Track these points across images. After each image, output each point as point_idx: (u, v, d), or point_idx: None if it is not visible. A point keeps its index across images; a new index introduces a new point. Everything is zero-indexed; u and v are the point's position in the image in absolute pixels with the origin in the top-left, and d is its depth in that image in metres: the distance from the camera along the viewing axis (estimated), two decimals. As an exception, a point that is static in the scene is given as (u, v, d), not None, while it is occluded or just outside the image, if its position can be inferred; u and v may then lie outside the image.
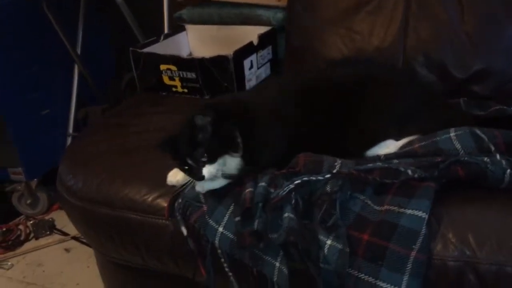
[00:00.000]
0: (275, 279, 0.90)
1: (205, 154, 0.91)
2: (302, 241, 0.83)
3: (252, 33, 1.64)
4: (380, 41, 1.43)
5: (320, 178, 0.89)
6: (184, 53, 1.82)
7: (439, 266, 0.82)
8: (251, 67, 1.58)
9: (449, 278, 0.81)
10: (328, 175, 0.89)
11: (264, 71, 1.68)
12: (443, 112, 1.06)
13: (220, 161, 0.93)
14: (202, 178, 0.92)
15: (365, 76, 1.07)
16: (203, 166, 0.92)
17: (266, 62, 1.68)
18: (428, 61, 1.36)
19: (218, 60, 1.46)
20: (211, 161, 0.92)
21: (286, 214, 0.86)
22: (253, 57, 1.58)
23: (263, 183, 0.92)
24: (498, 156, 0.88)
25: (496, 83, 1.31)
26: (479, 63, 1.31)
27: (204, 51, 1.77)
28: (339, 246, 0.83)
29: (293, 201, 0.88)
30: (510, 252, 0.79)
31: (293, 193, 0.88)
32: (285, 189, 0.88)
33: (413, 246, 0.80)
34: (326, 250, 0.84)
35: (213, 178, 0.94)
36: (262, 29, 1.67)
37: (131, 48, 1.56)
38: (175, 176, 1.04)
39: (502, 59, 1.31)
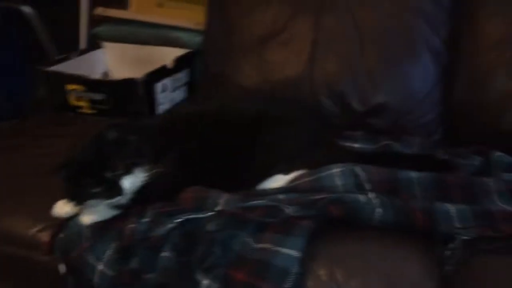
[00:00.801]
0: (156, 317, 0.89)
1: (121, 166, 0.91)
2: (175, 282, 0.83)
3: (171, 55, 1.64)
4: (290, 72, 1.47)
5: (202, 216, 0.90)
6: (100, 72, 1.79)
7: (309, 303, 0.85)
8: (164, 90, 1.57)
9: (317, 316, 0.84)
10: (210, 213, 0.90)
11: (180, 95, 1.67)
12: (331, 149, 1.11)
13: (134, 173, 0.93)
14: (121, 192, 0.91)
15: (259, 112, 1.09)
16: (121, 178, 0.92)
17: (182, 86, 1.68)
18: (332, 93, 1.42)
19: (127, 83, 1.45)
20: (128, 171, 0.92)
21: (163, 254, 0.86)
22: (166, 80, 1.58)
23: (146, 219, 0.91)
24: (370, 195, 0.93)
25: (391, 117, 1.38)
26: (378, 98, 1.38)
27: (122, 70, 1.74)
28: (215, 286, 0.84)
29: (173, 240, 0.88)
30: (374, 289, 0.83)
31: (175, 231, 0.88)
32: (165, 227, 0.87)
33: (285, 286, 0.82)
34: (203, 290, 0.84)
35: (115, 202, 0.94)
36: (181, 52, 1.67)
37: (37, 66, 1.50)
38: (62, 208, 1.01)
39: (398, 95, 1.39)
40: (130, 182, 0.93)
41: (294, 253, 0.84)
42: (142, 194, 0.97)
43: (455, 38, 1.37)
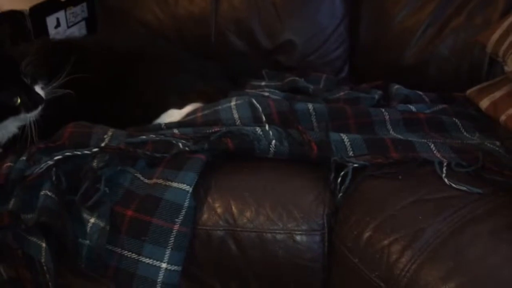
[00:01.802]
0: (42, 259, 0.83)
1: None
2: (55, 221, 0.77)
3: (66, -14, 1.48)
4: (194, 7, 1.40)
5: (86, 152, 0.83)
6: (-14, 6, 1.59)
7: (203, 235, 0.83)
8: (58, 25, 1.43)
9: (212, 248, 0.83)
10: (94, 149, 0.84)
11: (78, 31, 1.53)
12: (219, 80, 1.11)
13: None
14: (42, 99, 0.87)
15: (140, 49, 1.04)
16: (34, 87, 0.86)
17: (79, 21, 1.53)
18: (238, 30, 1.37)
19: (12, 15, 1.29)
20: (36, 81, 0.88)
21: (43, 192, 0.79)
22: (60, 14, 1.43)
23: (24, 158, 0.84)
24: (267, 127, 0.91)
25: (299, 54, 1.37)
26: (285, 35, 1.35)
27: (13, 5, 1.56)
28: (102, 224, 0.79)
29: (53, 178, 0.81)
30: (267, 218, 0.83)
31: (54, 169, 0.81)
32: (42, 165, 0.80)
33: (176, 220, 0.79)
34: (88, 229, 0.80)
35: None
36: (77, -17, 1.52)
37: None
38: None
39: (305, 33, 1.37)
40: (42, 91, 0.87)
41: (185, 187, 0.81)
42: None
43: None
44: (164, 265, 0.78)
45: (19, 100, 0.84)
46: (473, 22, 1.21)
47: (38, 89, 0.88)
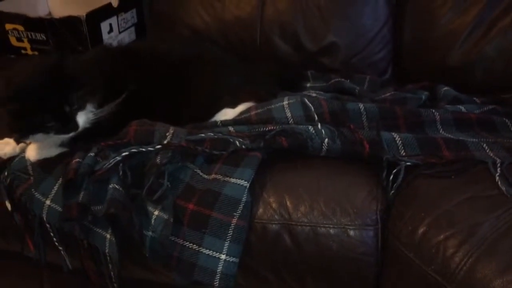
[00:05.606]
0: (106, 250, 0.89)
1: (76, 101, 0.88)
2: (123, 213, 0.82)
3: (116, -6, 1.55)
4: (240, 11, 1.43)
5: (150, 149, 0.88)
6: (42, 13, 1.68)
7: (259, 229, 0.86)
8: (111, 30, 1.50)
9: (267, 241, 0.86)
10: (158, 146, 0.88)
11: (128, 36, 1.61)
12: (265, 83, 1.14)
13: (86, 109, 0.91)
14: (77, 127, 0.89)
15: (194, 54, 1.09)
16: (76, 114, 0.89)
17: (130, 26, 1.61)
18: (283, 33, 1.40)
19: (70, 21, 1.37)
20: (82, 107, 0.90)
21: (111, 185, 0.84)
22: (112, 20, 1.50)
23: (92, 154, 0.89)
24: (319, 126, 0.94)
25: (343, 56, 1.38)
26: (329, 37, 1.38)
27: (65, 11, 1.64)
28: (165, 216, 0.83)
29: (120, 173, 0.86)
30: (321, 213, 0.85)
31: (121, 164, 0.86)
32: (111, 161, 0.86)
33: (234, 214, 0.83)
34: (153, 221, 0.84)
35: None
36: (127, -10, 1.59)
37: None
38: (3, 149, 0.97)
39: (349, 35, 1.38)
40: (82, 119, 0.91)
41: (243, 182, 0.85)
42: (90, 132, 0.94)
43: (404, -25, 1.37)
44: (223, 257, 0.82)
45: (51, 124, 0.88)
46: (521, 23, 1.20)
47: (81, 115, 0.90)
